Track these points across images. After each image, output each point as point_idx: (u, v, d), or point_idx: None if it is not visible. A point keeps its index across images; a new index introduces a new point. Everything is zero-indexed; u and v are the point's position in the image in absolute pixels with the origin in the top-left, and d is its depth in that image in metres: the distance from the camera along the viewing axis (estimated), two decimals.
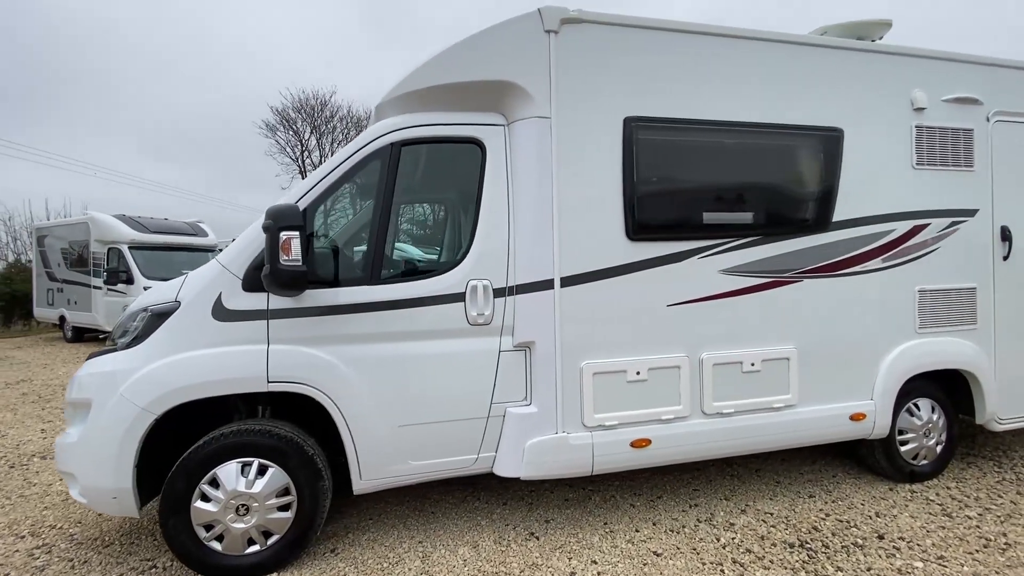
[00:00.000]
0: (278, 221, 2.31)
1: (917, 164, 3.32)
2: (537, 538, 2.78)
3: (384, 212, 2.63)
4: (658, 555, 2.61)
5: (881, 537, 2.77)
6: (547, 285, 2.71)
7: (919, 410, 3.44)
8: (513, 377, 2.73)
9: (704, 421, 2.95)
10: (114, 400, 2.36)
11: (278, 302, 2.49)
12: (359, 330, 2.57)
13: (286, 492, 2.49)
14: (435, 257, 3.14)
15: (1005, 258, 3.50)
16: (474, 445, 2.71)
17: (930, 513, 3.04)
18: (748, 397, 3.01)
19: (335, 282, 2.58)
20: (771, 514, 3.04)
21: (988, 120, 3.48)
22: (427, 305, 2.64)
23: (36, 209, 22.62)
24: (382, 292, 2.60)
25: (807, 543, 2.71)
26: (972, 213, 3.44)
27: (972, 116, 3.45)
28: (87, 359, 2.62)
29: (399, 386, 2.60)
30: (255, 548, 2.47)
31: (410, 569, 2.51)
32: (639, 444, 2.82)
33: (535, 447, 2.68)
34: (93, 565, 2.62)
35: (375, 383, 2.58)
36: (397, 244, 3.00)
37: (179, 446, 2.51)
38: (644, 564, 2.53)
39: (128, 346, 2.49)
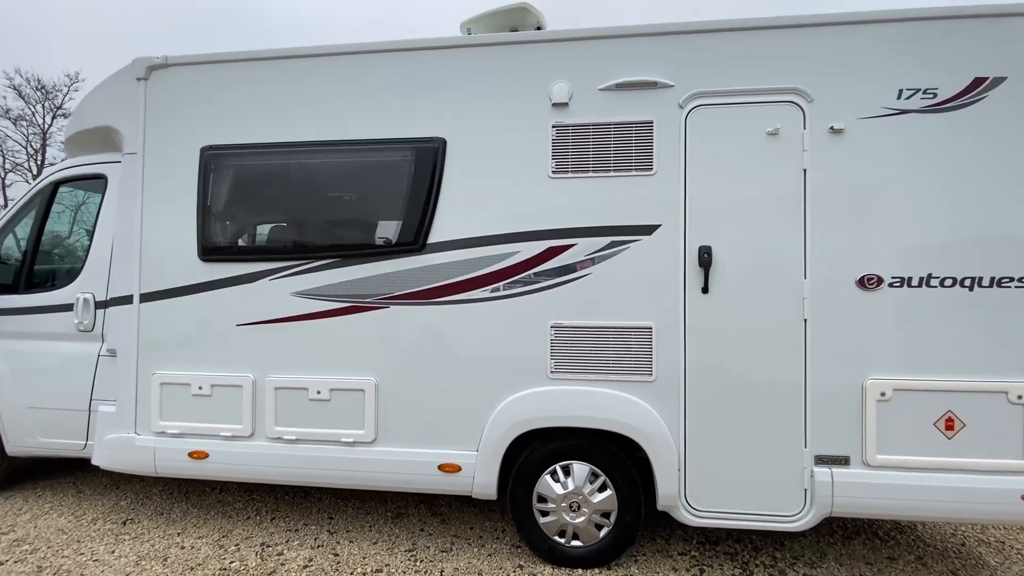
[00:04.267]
0: None
1: (556, 172, 2.72)
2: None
3: (37, 235, 3.34)
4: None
5: None
6: (129, 300, 3.07)
7: (566, 476, 2.75)
8: (107, 379, 3.14)
9: (267, 444, 2.92)
10: None
11: None
12: (9, 328, 3.31)
13: None
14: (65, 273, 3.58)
15: (704, 290, 2.59)
16: (82, 433, 3.21)
17: None
18: (314, 426, 2.88)
19: (9, 290, 3.36)
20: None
21: (681, 107, 2.64)
22: (50, 312, 3.24)
23: None
24: (24, 300, 3.30)
25: None
26: (649, 230, 2.65)
27: (652, 104, 2.67)
28: None
29: (29, 376, 3.26)
30: None
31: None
32: (197, 455, 2.95)
33: (109, 442, 3.05)
34: None
35: (15, 371, 3.28)
36: (40, 263, 3.66)
37: None
38: None
39: None
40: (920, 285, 2.47)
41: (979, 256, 2.45)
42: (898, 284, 2.49)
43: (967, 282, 2.45)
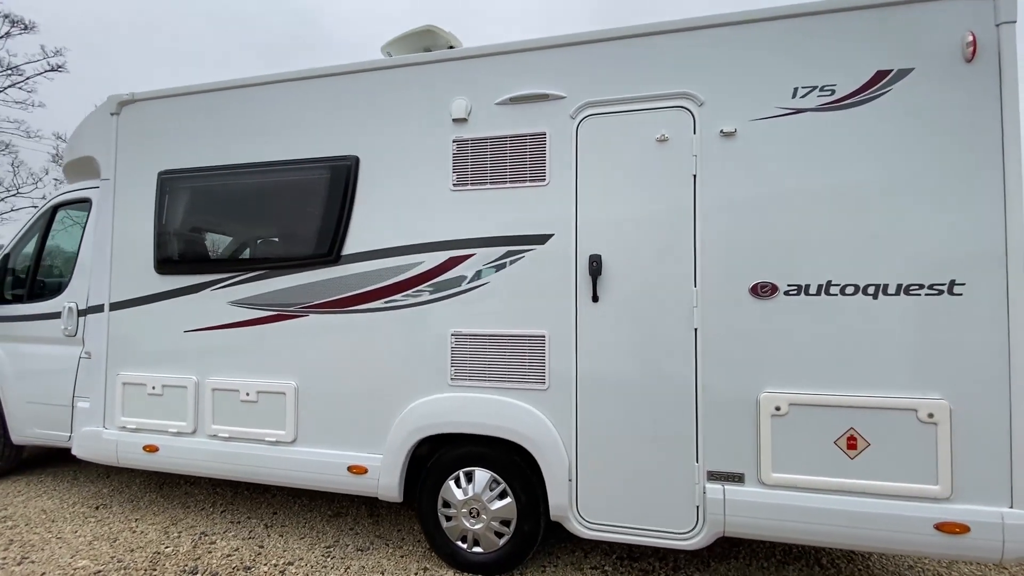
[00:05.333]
0: None
1: (456, 185, 2.81)
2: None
3: (38, 252, 3.84)
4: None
5: None
6: (101, 308, 3.46)
7: (468, 483, 2.79)
8: (84, 378, 3.55)
9: (206, 441, 3.18)
10: None
11: None
12: (15, 333, 3.82)
13: None
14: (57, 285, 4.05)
15: (594, 299, 2.58)
16: (67, 425, 3.63)
17: None
18: (244, 426, 3.10)
19: (9, 300, 3.89)
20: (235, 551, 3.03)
21: (572, 118, 2.66)
22: (44, 319, 3.72)
23: None
24: (27, 309, 3.80)
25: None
26: (543, 240, 2.68)
27: (545, 116, 2.70)
28: None
29: (28, 374, 3.74)
30: None
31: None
32: (149, 449, 3.27)
33: (83, 434, 3.44)
34: None
35: (17, 370, 3.78)
36: (43, 275, 4.13)
37: None
38: None
39: None
40: (819, 293, 2.33)
41: (884, 261, 2.27)
42: (794, 292, 2.35)
43: (871, 290, 2.28)
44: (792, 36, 2.40)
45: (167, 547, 3.01)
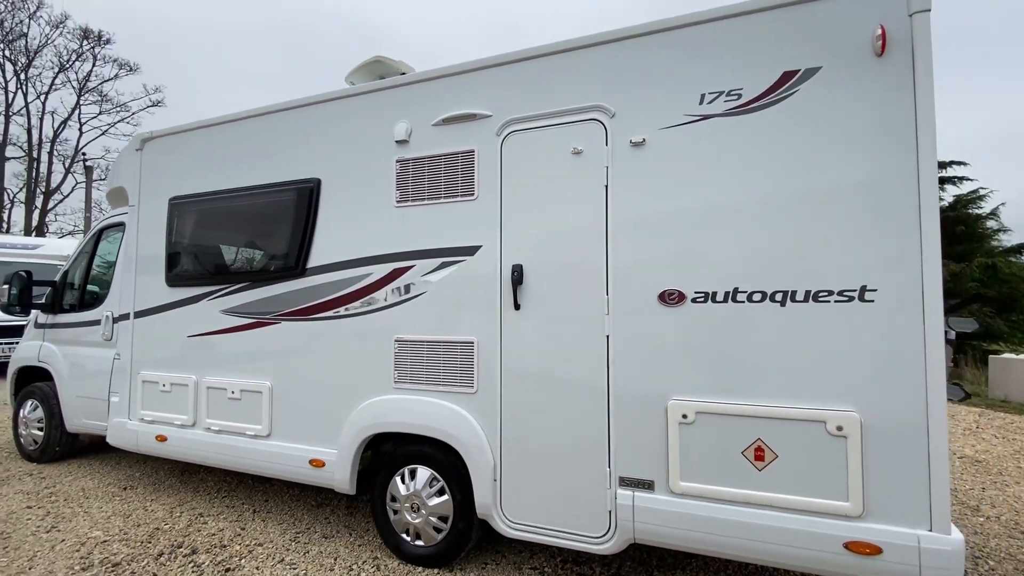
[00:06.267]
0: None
1: (399, 202, 3.03)
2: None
3: (87, 268, 4.53)
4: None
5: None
6: (128, 317, 4.03)
7: (412, 479, 2.98)
8: (116, 376, 4.13)
9: (202, 433, 3.61)
10: None
11: (43, 319, 4.69)
12: (69, 337, 4.53)
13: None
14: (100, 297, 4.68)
15: (516, 307, 2.69)
16: (105, 417, 4.24)
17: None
18: (230, 420, 3.50)
19: (67, 310, 4.61)
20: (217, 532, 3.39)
21: (497, 135, 2.80)
22: (89, 326, 4.37)
23: None
24: (78, 317, 4.49)
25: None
26: (472, 251, 2.83)
27: (473, 134, 2.86)
28: None
29: (77, 373, 4.41)
30: None
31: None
32: (160, 439, 3.76)
33: (113, 424, 4.02)
34: None
35: (70, 369, 4.47)
36: (90, 288, 4.78)
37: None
38: None
39: None
40: (725, 300, 2.30)
41: (792, 268, 2.21)
42: (701, 299, 2.34)
43: (778, 297, 2.22)
44: (699, 43, 2.40)
45: (167, 524, 3.46)
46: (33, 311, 4.85)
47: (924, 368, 2.01)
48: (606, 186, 2.53)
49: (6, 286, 4.54)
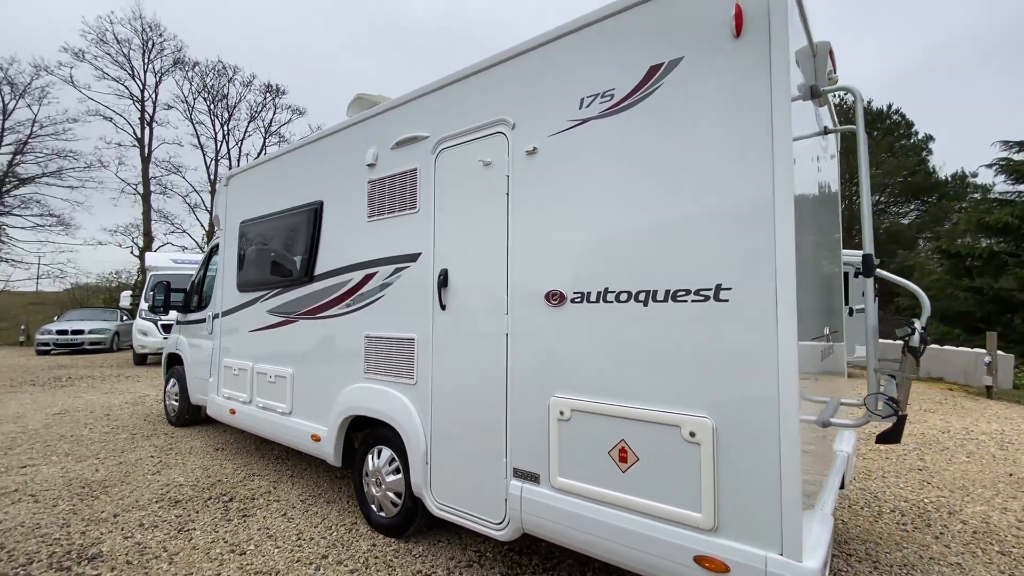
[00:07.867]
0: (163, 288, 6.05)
1: (369, 217, 3.53)
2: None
3: (202, 279, 5.89)
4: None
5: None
6: (218, 316, 5.18)
7: (378, 457, 3.43)
8: (213, 362, 5.32)
9: (255, 408, 4.51)
10: None
11: (180, 317, 6.19)
12: (190, 331, 5.93)
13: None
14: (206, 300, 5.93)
15: (443, 307, 2.99)
16: (206, 392, 5.48)
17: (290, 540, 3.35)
18: (269, 399, 4.32)
19: (192, 310, 6.03)
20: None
21: (432, 153, 3.13)
22: (201, 323, 5.68)
23: None
24: (194, 315, 5.85)
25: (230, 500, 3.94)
26: (415, 258, 3.21)
27: (416, 154, 3.23)
28: None
29: (194, 358, 5.76)
30: None
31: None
32: (231, 412, 4.78)
33: (209, 399, 5.20)
34: None
35: (191, 355, 5.85)
36: (205, 293, 6.05)
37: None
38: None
39: None
40: (598, 300, 2.32)
41: (655, 267, 2.16)
42: (578, 300, 2.39)
43: (641, 296, 2.19)
44: (579, 47, 2.45)
45: (227, 478, 4.41)
46: (172, 311, 6.43)
47: (777, 374, 1.83)
48: (507, 193, 2.70)
49: (151, 292, 6.12)
